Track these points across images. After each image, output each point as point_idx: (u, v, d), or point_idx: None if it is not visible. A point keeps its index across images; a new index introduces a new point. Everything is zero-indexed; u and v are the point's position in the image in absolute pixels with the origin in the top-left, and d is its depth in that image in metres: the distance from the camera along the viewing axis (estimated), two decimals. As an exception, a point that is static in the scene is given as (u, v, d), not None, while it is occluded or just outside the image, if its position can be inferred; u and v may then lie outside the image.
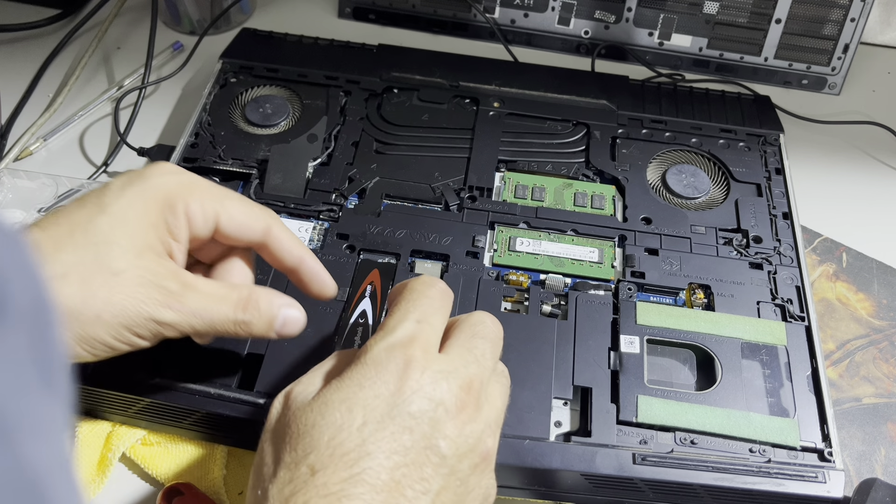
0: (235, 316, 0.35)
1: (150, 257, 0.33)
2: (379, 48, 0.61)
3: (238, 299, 0.35)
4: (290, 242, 0.38)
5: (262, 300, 0.35)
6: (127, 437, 0.41)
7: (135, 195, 0.34)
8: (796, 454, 0.40)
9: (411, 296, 0.33)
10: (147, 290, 0.33)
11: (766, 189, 0.52)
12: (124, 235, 0.33)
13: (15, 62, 0.65)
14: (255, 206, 0.37)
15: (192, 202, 0.35)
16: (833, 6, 0.63)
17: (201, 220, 0.35)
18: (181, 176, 0.35)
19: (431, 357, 0.31)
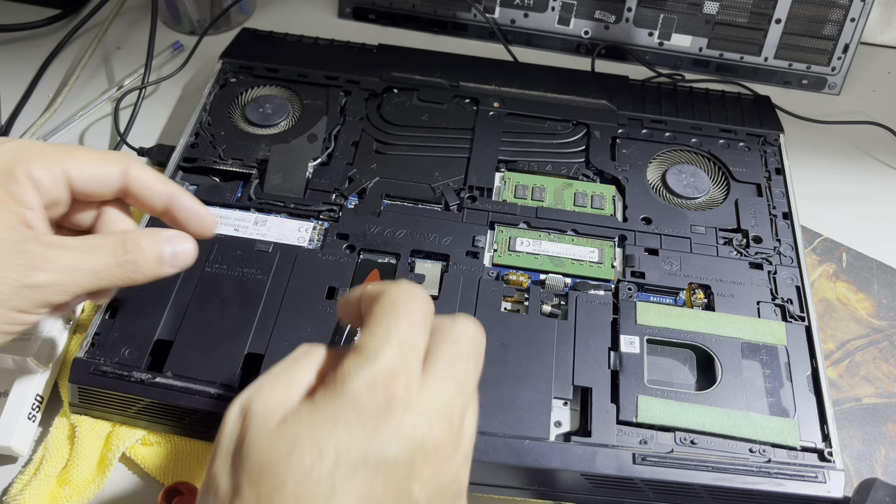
0: (117, 258, 0.33)
1: (3, 229, 0.32)
2: (379, 48, 0.61)
3: (115, 242, 0.33)
4: (153, 180, 0.35)
5: (144, 236, 0.34)
6: (127, 437, 0.41)
7: None
8: (796, 454, 0.40)
9: (392, 311, 0.29)
10: (11, 258, 0.31)
11: (766, 189, 0.52)
12: None
13: (15, 62, 0.65)
14: (105, 153, 0.35)
15: (34, 165, 0.33)
16: (833, 6, 0.63)
17: (49, 181, 0.33)
18: (14, 143, 0.33)
19: (414, 393, 0.28)
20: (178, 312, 0.43)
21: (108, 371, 0.40)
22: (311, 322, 0.43)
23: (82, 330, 0.45)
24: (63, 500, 0.40)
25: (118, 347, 0.41)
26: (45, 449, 0.41)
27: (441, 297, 0.44)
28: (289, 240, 0.47)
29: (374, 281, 0.44)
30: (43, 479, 0.39)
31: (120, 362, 0.41)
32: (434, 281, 0.46)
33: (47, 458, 0.40)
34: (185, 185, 0.50)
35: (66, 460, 0.41)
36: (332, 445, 0.26)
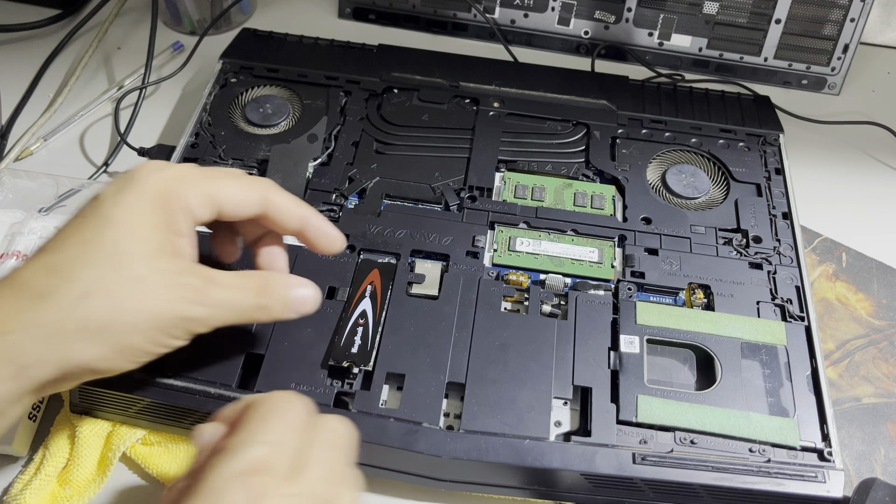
0: (257, 301, 0.36)
1: (165, 258, 0.33)
2: (379, 48, 0.61)
3: (257, 286, 0.36)
4: (289, 205, 0.38)
5: (278, 283, 0.37)
6: (127, 437, 0.41)
7: (134, 201, 0.34)
8: (796, 454, 0.40)
9: (268, 415, 0.30)
10: (173, 290, 0.33)
11: (765, 189, 0.52)
12: (137, 243, 0.33)
13: (15, 62, 0.65)
14: (249, 179, 0.37)
15: (187, 193, 0.35)
16: (833, 6, 0.63)
17: (200, 208, 0.35)
18: (169, 170, 0.35)
19: (283, 483, 0.28)
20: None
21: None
22: (310, 322, 0.43)
23: (82, 330, 0.45)
24: (63, 500, 0.40)
25: (118, 347, 0.41)
26: (46, 449, 0.41)
27: (441, 297, 0.44)
28: (289, 239, 0.47)
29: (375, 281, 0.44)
30: (43, 479, 0.39)
31: (120, 362, 0.41)
32: (434, 281, 0.46)
33: (47, 458, 0.40)
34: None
35: (66, 460, 0.41)
36: None
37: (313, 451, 0.30)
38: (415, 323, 0.43)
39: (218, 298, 0.34)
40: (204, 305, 0.34)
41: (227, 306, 0.35)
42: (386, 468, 0.41)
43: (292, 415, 0.31)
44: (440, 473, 0.40)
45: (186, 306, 0.33)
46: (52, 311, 0.31)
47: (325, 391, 0.40)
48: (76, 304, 0.31)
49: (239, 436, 0.29)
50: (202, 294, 0.34)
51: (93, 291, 0.31)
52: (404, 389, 0.41)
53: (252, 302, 0.36)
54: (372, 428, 0.39)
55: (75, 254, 0.32)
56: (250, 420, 0.30)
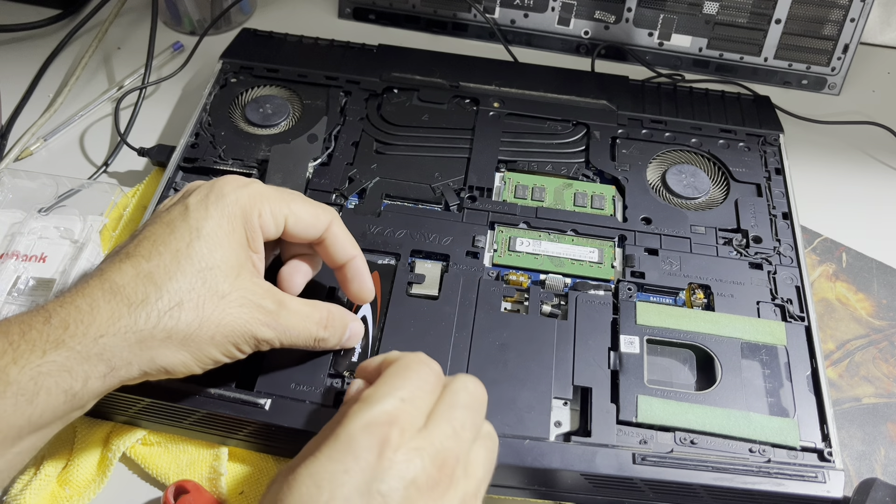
0: (318, 334, 0.38)
1: (246, 277, 0.36)
2: (379, 48, 0.61)
3: (320, 318, 0.38)
4: (345, 240, 0.40)
5: (338, 318, 0.39)
6: (127, 437, 0.41)
7: (220, 215, 0.36)
8: (796, 454, 0.40)
9: (403, 371, 0.33)
10: (250, 310, 0.35)
11: (765, 189, 0.52)
12: (223, 259, 0.35)
13: (15, 62, 0.65)
14: (317, 206, 0.39)
15: (264, 212, 0.37)
16: (833, 6, 0.63)
17: (273, 227, 0.37)
18: (251, 188, 0.37)
19: (409, 435, 0.30)
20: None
21: (109, 371, 0.40)
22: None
23: (82, 330, 0.45)
24: (63, 500, 0.40)
25: (118, 347, 0.41)
26: (46, 449, 0.41)
27: (441, 297, 0.44)
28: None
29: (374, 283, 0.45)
30: (43, 479, 0.39)
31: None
32: (434, 281, 0.46)
33: (47, 458, 0.40)
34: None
35: (66, 460, 0.41)
36: (327, 479, 0.29)
37: (442, 409, 0.32)
38: (415, 323, 0.43)
39: (286, 325, 0.36)
40: (273, 329, 0.36)
41: (293, 333, 0.37)
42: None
43: (425, 373, 0.33)
44: (440, 473, 0.40)
45: (259, 327, 0.35)
46: (146, 320, 0.33)
47: (325, 391, 0.40)
48: (167, 315, 0.33)
49: (375, 389, 0.32)
50: (274, 318, 0.36)
51: (183, 304, 0.34)
52: (404, 389, 0.41)
53: (313, 333, 0.38)
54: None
55: (168, 263, 0.34)
56: (387, 375, 0.33)
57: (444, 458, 0.31)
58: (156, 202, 0.49)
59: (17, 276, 0.47)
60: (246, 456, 0.42)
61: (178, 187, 0.50)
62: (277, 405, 0.40)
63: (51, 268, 0.48)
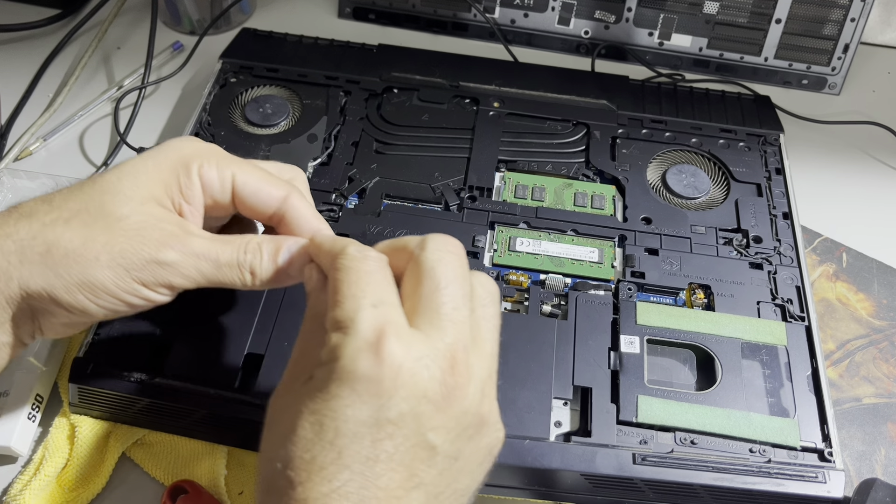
0: (239, 256, 0.34)
1: (154, 205, 0.33)
2: (379, 48, 0.61)
3: (241, 242, 0.35)
4: (307, 214, 0.36)
5: (266, 242, 0.35)
6: (127, 437, 0.41)
7: (148, 156, 0.35)
8: (796, 454, 0.40)
9: (350, 277, 0.29)
10: (148, 231, 0.32)
11: (766, 189, 0.52)
12: (131, 186, 0.33)
13: (15, 62, 0.65)
14: (275, 176, 0.37)
15: (208, 165, 0.35)
16: (833, 6, 0.63)
17: (217, 184, 0.35)
18: (200, 144, 0.36)
19: (404, 344, 0.27)
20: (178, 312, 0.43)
21: (108, 371, 0.40)
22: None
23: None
24: (63, 500, 0.40)
25: (118, 347, 0.41)
26: (45, 449, 0.41)
27: (441, 297, 0.44)
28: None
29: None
30: (43, 479, 0.39)
31: (120, 362, 0.41)
32: (434, 281, 0.46)
33: (47, 458, 0.40)
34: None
35: (66, 460, 0.41)
36: (330, 416, 0.27)
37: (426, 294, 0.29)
38: (415, 323, 0.43)
39: (194, 247, 0.33)
40: (178, 251, 0.33)
41: (205, 256, 0.33)
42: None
43: (373, 266, 0.30)
44: (440, 474, 0.40)
45: (157, 248, 0.32)
46: (27, 230, 0.32)
47: (325, 391, 0.40)
48: (50, 227, 0.32)
49: (339, 305, 0.28)
50: (177, 239, 0.33)
51: (70, 219, 0.32)
52: (404, 389, 0.40)
53: (233, 258, 0.34)
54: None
55: (73, 188, 0.33)
56: (340, 286, 0.29)
57: (451, 356, 0.28)
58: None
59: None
60: (246, 456, 0.42)
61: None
62: (277, 405, 0.40)
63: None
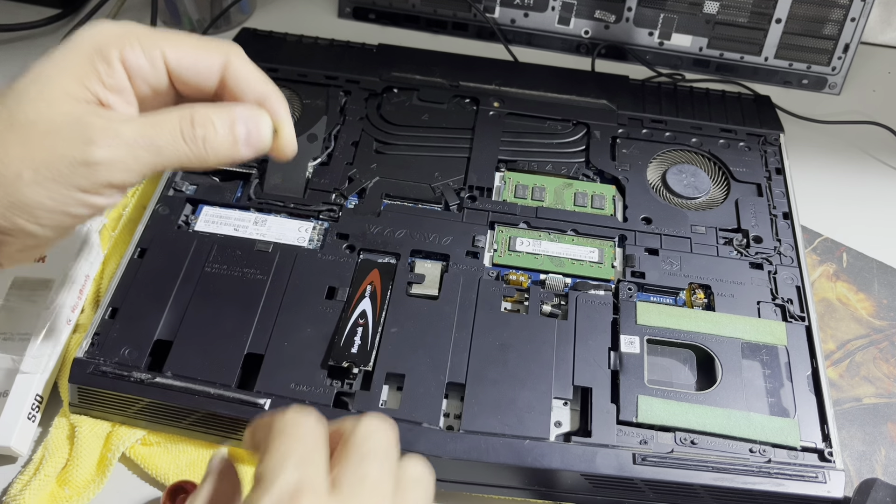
0: (184, 133, 0.30)
1: (70, 102, 0.30)
2: (379, 48, 0.61)
3: (181, 116, 0.30)
4: (251, 76, 0.33)
5: (215, 112, 0.31)
6: (127, 437, 0.41)
7: (58, 52, 0.31)
8: (796, 454, 0.40)
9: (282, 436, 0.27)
10: (64, 131, 0.29)
11: (766, 189, 0.52)
12: (40, 89, 0.30)
13: (15, 62, 0.65)
14: (208, 41, 0.33)
15: (130, 48, 0.31)
16: (833, 6, 0.63)
17: (147, 66, 0.31)
18: (117, 26, 0.31)
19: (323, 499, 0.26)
20: (177, 312, 0.43)
21: (108, 371, 0.40)
22: (310, 322, 0.43)
23: (82, 330, 0.45)
24: (63, 500, 0.40)
25: (118, 347, 0.41)
26: (45, 449, 0.41)
27: (441, 297, 0.44)
28: (289, 240, 0.47)
29: (374, 281, 0.44)
30: (43, 479, 0.39)
31: (120, 362, 0.41)
32: (434, 281, 0.46)
33: (47, 458, 0.40)
34: (186, 185, 0.50)
35: (65, 460, 0.41)
36: None
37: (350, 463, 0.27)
38: (415, 323, 0.43)
39: (125, 136, 0.29)
40: (106, 146, 0.29)
41: (142, 143, 0.29)
42: (386, 468, 0.41)
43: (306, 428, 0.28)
44: (440, 474, 0.40)
45: (82, 148, 0.29)
46: None
47: (325, 391, 0.40)
48: None
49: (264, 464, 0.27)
50: (102, 132, 0.29)
51: None
52: (404, 389, 0.41)
53: (176, 135, 0.30)
54: (372, 428, 0.39)
55: None
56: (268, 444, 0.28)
57: None
58: (155, 202, 0.49)
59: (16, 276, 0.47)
60: (246, 456, 0.42)
61: (178, 187, 0.50)
62: (277, 405, 0.40)
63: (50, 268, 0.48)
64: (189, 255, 0.45)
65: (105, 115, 0.30)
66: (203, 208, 0.49)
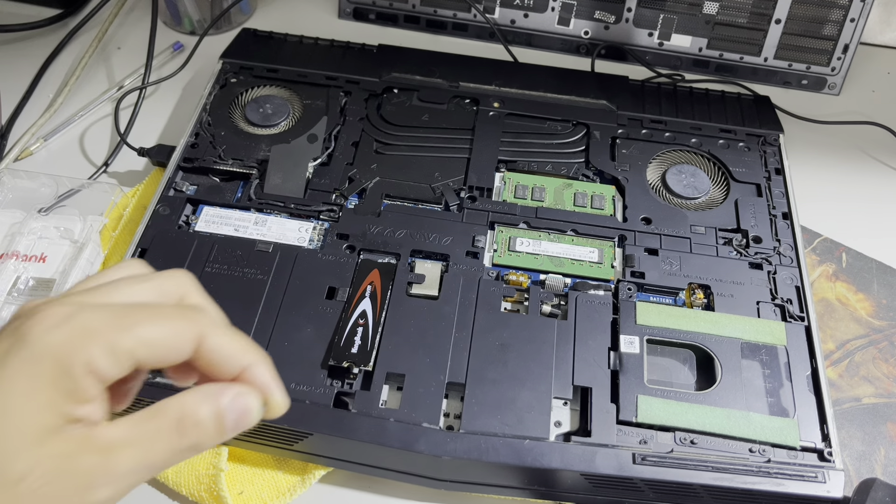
0: (178, 444, 0.28)
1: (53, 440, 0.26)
2: (379, 48, 0.61)
3: (171, 425, 0.28)
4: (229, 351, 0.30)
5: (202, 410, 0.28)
6: (127, 436, 0.41)
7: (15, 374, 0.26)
8: (796, 454, 0.40)
9: None
10: (63, 482, 0.26)
11: (765, 189, 0.52)
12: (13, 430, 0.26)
13: (15, 62, 0.65)
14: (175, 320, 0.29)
15: (94, 354, 0.27)
16: (833, 6, 0.63)
17: (115, 368, 0.27)
18: (70, 324, 0.27)
19: None
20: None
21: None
22: (311, 322, 0.43)
23: (82, 330, 0.45)
24: (63, 500, 0.39)
25: (118, 347, 0.41)
26: (46, 449, 0.41)
27: (441, 297, 0.44)
28: (289, 240, 0.47)
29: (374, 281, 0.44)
30: (43, 479, 0.39)
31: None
32: (434, 281, 0.46)
33: (47, 458, 0.40)
34: (186, 185, 0.50)
35: (66, 460, 0.41)
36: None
37: None
38: (415, 323, 0.43)
39: (124, 468, 0.27)
40: (107, 484, 0.27)
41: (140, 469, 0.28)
42: (386, 468, 0.41)
43: None
44: (440, 474, 0.40)
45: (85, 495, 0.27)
46: None
47: (325, 391, 0.40)
48: None
49: None
50: (103, 473, 0.27)
51: None
52: (404, 389, 0.41)
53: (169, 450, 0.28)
54: (372, 428, 0.39)
55: None
56: None
57: None
58: (155, 202, 0.49)
59: (17, 276, 0.47)
60: (246, 456, 0.42)
61: (179, 187, 0.50)
62: (277, 405, 0.40)
63: (51, 268, 0.48)
64: (189, 255, 0.45)
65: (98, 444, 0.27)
66: (203, 208, 0.49)
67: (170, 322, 0.28)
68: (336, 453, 0.41)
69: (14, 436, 0.26)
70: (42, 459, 0.26)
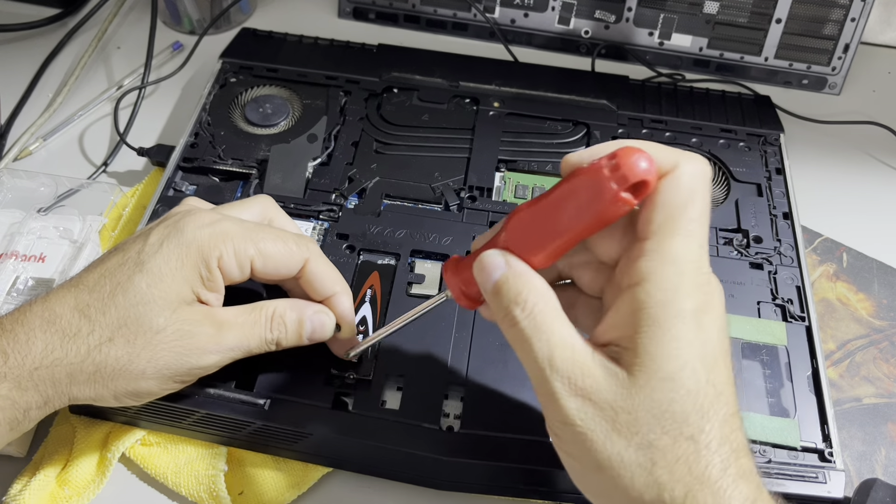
0: (266, 336, 0.37)
1: (186, 309, 0.35)
2: (379, 48, 0.61)
3: (266, 320, 0.37)
4: (325, 277, 0.39)
5: (288, 314, 0.37)
6: (127, 437, 0.41)
7: (171, 252, 0.35)
8: (797, 454, 0.40)
9: None
10: (186, 341, 0.34)
11: (766, 189, 0.52)
12: (161, 294, 0.34)
13: (15, 62, 0.65)
14: (291, 242, 0.38)
15: (226, 254, 0.36)
16: (833, 6, 0.63)
17: (236, 270, 0.36)
18: (215, 227, 0.36)
19: None
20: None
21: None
22: (310, 322, 0.43)
23: (82, 330, 0.45)
24: (63, 500, 0.39)
25: (118, 347, 0.41)
26: (45, 449, 0.41)
27: (441, 298, 0.44)
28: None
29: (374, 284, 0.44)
30: (43, 479, 0.39)
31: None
32: (434, 281, 0.46)
33: (47, 458, 0.40)
34: (186, 186, 0.50)
35: (65, 460, 0.41)
36: None
37: None
38: (415, 323, 0.43)
39: (229, 343, 0.35)
40: (216, 352, 0.35)
41: (238, 348, 0.36)
42: (385, 469, 0.41)
43: None
44: (440, 475, 0.40)
45: (198, 357, 0.35)
46: (76, 353, 0.33)
47: (325, 391, 0.40)
48: (97, 349, 0.33)
49: None
50: (215, 341, 0.35)
51: (113, 339, 0.33)
52: (404, 390, 0.41)
53: (263, 336, 0.37)
54: (372, 429, 0.39)
55: (105, 297, 0.34)
56: None
57: None
58: (155, 202, 0.49)
59: (17, 276, 0.47)
60: (246, 456, 0.42)
61: (178, 187, 0.50)
62: (277, 405, 0.40)
63: (50, 268, 0.48)
64: (189, 255, 0.45)
65: (215, 321, 0.36)
66: (203, 208, 0.49)
67: (285, 244, 0.37)
68: (336, 454, 0.41)
69: (161, 297, 0.34)
70: (177, 321, 0.34)
